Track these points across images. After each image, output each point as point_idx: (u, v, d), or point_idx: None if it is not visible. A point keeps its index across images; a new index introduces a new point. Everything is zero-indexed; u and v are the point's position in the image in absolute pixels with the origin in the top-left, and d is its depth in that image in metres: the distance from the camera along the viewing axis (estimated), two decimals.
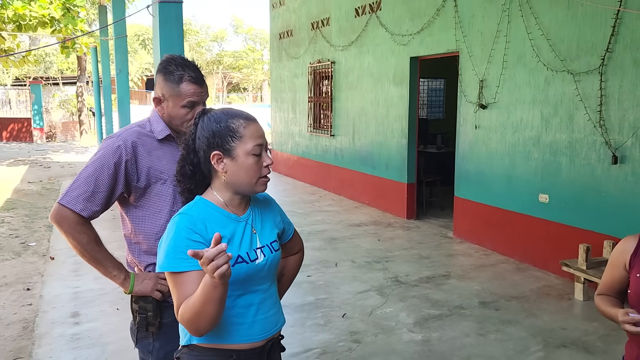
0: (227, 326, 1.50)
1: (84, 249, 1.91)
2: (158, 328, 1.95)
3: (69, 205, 1.88)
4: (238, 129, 1.50)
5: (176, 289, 1.44)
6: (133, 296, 1.97)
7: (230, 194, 1.55)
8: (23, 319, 4.12)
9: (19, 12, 10.33)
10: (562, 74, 4.85)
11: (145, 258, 2.01)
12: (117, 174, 1.93)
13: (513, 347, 3.58)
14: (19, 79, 27.66)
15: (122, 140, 1.96)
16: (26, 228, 7.06)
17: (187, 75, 1.96)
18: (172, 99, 1.98)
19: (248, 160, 1.50)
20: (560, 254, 4.82)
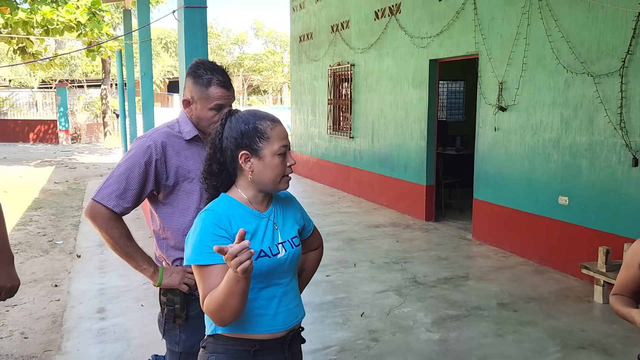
0: (251, 317, 1.58)
1: (115, 243, 2.01)
2: (185, 320, 2.04)
3: (102, 202, 1.98)
4: (265, 131, 1.58)
5: (202, 281, 1.52)
6: (161, 289, 2.07)
7: (255, 191, 1.63)
8: (52, 313, 4.27)
9: (47, 17, 10.63)
10: (582, 76, 4.84)
11: (173, 253, 2.10)
12: (148, 172, 2.02)
13: (531, 348, 3.59)
14: (45, 82, 28.31)
15: (152, 140, 2.05)
16: (53, 227, 7.26)
17: (216, 79, 2.05)
18: (200, 102, 2.07)
19: (274, 160, 1.58)
20: (579, 257, 4.81)
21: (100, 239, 6.66)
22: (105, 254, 5.86)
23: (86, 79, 28.08)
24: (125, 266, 5.45)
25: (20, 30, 11.30)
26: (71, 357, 3.50)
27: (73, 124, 21.96)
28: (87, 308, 4.34)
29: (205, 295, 1.51)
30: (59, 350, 3.60)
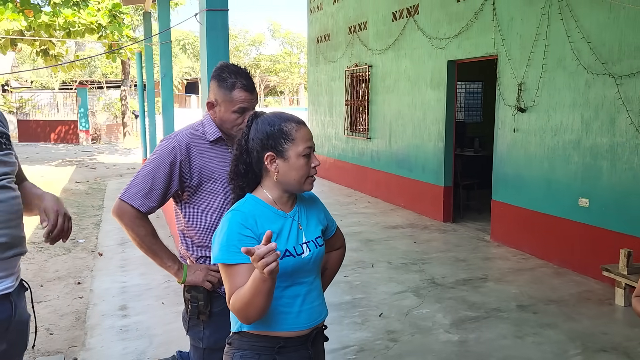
0: (276, 315, 1.61)
1: (142, 241, 2.06)
2: (208, 317, 2.09)
3: (128, 201, 2.04)
4: (290, 132, 1.62)
5: (228, 279, 1.56)
6: (185, 286, 2.12)
7: (280, 192, 1.66)
8: (75, 310, 4.35)
9: (69, 20, 10.83)
10: (603, 77, 4.80)
11: (196, 251, 2.15)
12: (172, 172, 2.07)
13: (551, 350, 3.58)
14: (66, 83, 28.76)
15: (177, 141, 2.10)
16: (75, 226, 7.39)
17: (240, 83, 2.09)
18: (224, 104, 2.11)
19: (299, 161, 1.61)
20: (600, 259, 4.76)
21: (121, 237, 6.78)
22: (127, 253, 5.95)
23: (105, 80, 28.47)
24: (146, 265, 5.55)
25: (43, 33, 11.52)
26: (95, 354, 3.57)
27: (93, 125, 22.28)
28: (109, 306, 4.42)
29: (231, 294, 1.55)
30: (84, 347, 3.67)
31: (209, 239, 2.11)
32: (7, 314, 1.68)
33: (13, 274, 1.72)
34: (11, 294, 1.69)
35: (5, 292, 1.67)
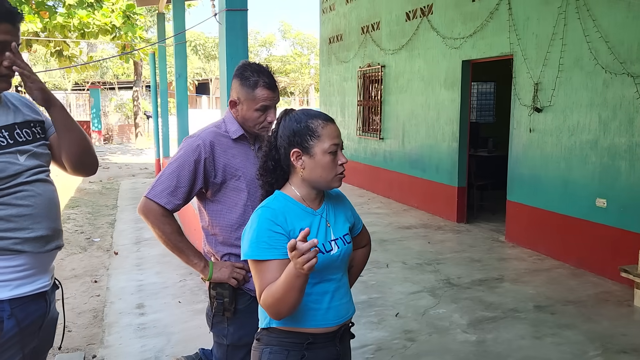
0: (305, 311, 1.62)
1: (167, 239, 2.08)
2: (233, 313, 2.10)
3: (154, 199, 2.05)
4: (317, 129, 1.62)
5: (258, 275, 1.57)
6: (211, 283, 2.13)
7: (307, 189, 1.67)
8: (93, 308, 4.39)
9: (84, 21, 10.92)
10: (622, 77, 4.76)
11: (221, 248, 2.16)
12: (197, 170, 2.08)
13: (570, 351, 3.55)
14: (78, 84, 29.02)
15: (201, 139, 2.12)
16: (90, 225, 7.45)
17: (262, 81, 2.10)
18: (246, 103, 2.12)
19: (325, 158, 1.62)
20: (618, 260, 4.72)
21: (136, 236, 6.82)
22: (142, 252, 5.99)
23: (117, 81, 28.68)
24: (161, 264, 5.58)
25: (57, 34, 11.63)
26: (114, 351, 3.60)
27: (105, 125, 22.46)
28: (126, 304, 4.45)
29: (262, 290, 1.55)
30: (102, 344, 3.70)
31: (233, 236, 2.12)
32: (42, 311, 1.70)
33: (49, 270, 1.74)
34: (47, 292, 1.71)
35: (42, 290, 1.69)
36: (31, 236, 1.63)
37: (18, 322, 1.61)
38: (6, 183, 1.60)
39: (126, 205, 8.77)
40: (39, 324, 1.70)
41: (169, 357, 3.47)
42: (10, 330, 1.59)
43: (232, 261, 2.14)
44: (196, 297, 4.54)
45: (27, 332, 1.65)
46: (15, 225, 1.60)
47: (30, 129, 1.74)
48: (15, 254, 1.61)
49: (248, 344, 2.10)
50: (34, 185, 1.66)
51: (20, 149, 1.66)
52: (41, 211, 1.67)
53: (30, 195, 1.64)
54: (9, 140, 1.64)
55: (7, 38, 1.59)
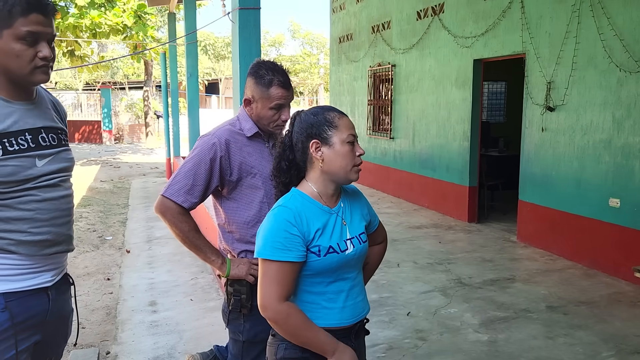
0: (320, 310, 1.62)
1: (185, 237, 2.09)
2: (249, 310, 2.10)
3: (172, 198, 2.07)
4: (334, 120, 1.63)
5: (266, 274, 1.57)
6: (228, 280, 2.13)
7: (325, 183, 1.66)
8: (106, 305, 4.42)
9: (96, 21, 11.01)
10: (637, 75, 4.71)
11: (238, 245, 2.17)
12: (213, 168, 2.09)
13: (583, 352, 3.53)
14: (89, 84, 29.23)
15: (216, 138, 2.13)
16: (102, 223, 7.51)
17: (277, 80, 2.11)
18: (261, 101, 2.13)
19: (344, 148, 1.62)
20: (632, 260, 4.68)
21: (147, 235, 6.84)
22: (153, 250, 6.03)
23: (128, 81, 28.85)
24: (173, 262, 5.61)
25: (69, 34, 11.73)
26: (127, 347, 3.62)
27: (116, 125, 22.60)
28: (138, 301, 4.48)
29: (264, 288, 1.56)
30: (115, 341, 3.73)
31: (250, 233, 2.12)
32: (42, 307, 1.69)
33: (54, 269, 1.72)
34: (49, 288, 1.70)
35: (41, 285, 1.68)
36: (27, 239, 1.61)
37: (12, 316, 1.59)
38: (14, 187, 1.58)
39: (137, 204, 8.83)
40: (40, 319, 1.68)
41: (181, 354, 3.49)
42: (3, 324, 1.58)
43: (249, 258, 2.15)
44: (208, 295, 4.56)
45: (24, 327, 1.63)
46: (11, 227, 1.59)
47: (57, 135, 1.73)
48: (9, 253, 1.60)
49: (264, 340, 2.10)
50: (43, 190, 1.64)
51: (40, 154, 1.65)
52: (43, 216, 1.64)
53: (35, 200, 1.63)
54: (30, 144, 1.63)
55: (38, 29, 1.57)
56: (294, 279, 1.58)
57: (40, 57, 1.60)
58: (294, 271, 1.56)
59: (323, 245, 1.60)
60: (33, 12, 1.56)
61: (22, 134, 1.61)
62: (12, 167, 1.57)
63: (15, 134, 1.59)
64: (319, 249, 1.59)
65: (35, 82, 1.64)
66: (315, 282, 1.62)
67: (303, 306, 1.62)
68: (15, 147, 1.58)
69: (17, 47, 1.56)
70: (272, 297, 1.55)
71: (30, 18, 1.56)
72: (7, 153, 1.56)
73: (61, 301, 1.78)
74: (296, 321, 1.55)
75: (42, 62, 1.61)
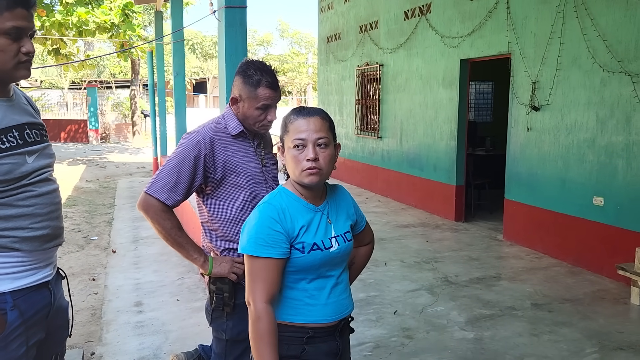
0: (302, 306, 1.64)
1: (168, 234, 2.08)
2: (232, 308, 2.10)
3: (155, 195, 2.06)
4: (287, 124, 1.65)
5: (250, 271, 1.58)
6: (210, 278, 2.13)
7: (298, 185, 1.68)
8: (91, 306, 4.38)
9: (83, 19, 10.89)
10: (619, 76, 4.77)
11: (221, 244, 2.16)
12: (197, 166, 2.09)
13: (567, 348, 3.56)
14: (75, 83, 28.94)
15: (201, 135, 2.12)
16: (87, 223, 7.44)
17: (265, 80, 2.11)
18: (248, 101, 2.13)
19: (289, 153, 1.63)
20: (615, 258, 4.74)
21: (133, 235, 6.79)
22: (139, 250, 5.99)
23: (114, 80, 28.61)
24: (159, 262, 5.57)
25: (55, 32, 11.59)
26: (112, 348, 3.59)
27: (102, 124, 22.41)
28: (124, 302, 4.45)
29: (250, 284, 1.58)
30: (100, 342, 3.70)
31: (233, 231, 2.12)
32: (47, 301, 1.71)
33: (51, 263, 1.74)
34: (49, 282, 1.72)
35: (44, 280, 1.70)
36: (29, 235, 1.63)
37: (21, 313, 1.61)
38: (11, 185, 1.58)
39: (123, 204, 8.76)
40: (45, 313, 1.70)
41: (167, 355, 3.47)
42: (14, 322, 1.60)
43: (231, 256, 2.14)
44: (194, 295, 4.54)
45: (32, 323, 1.65)
46: (13, 225, 1.60)
47: (40, 131, 1.74)
48: (13, 251, 1.61)
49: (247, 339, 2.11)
50: (37, 185, 1.66)
51: (29, 150, 1.65)
52: (42, 211, 1.66)
53: (32, 195, 1.64)
54: (19, 140, 1.62)
55: (23, 24, 1.56)
56: (278, 275, 1.58)
57: (23, 52, 1.59)
58: (277, 268, 1.57)
59: (307, 242, 1.60)
60: (18, 7, 1.55)
61: (9, 131, 1.61)
62: (8, 165, 1.57)
63: (4, 131, 1.59)
64: (303, 245, 1.60)
65: (18, 78, 1.64)
66: (297, 279, 1.63)
67: (287, 302, 1.63)
68: (6, 144, 1.58)
69: (2, 41, 1.55)
70: (256, 293, 1.56)
71: (16, 12, 1.55)
72: (1, 151, 1.56)
73: (59, 295, 1.80)
74: (262, 329, 1.55)
75: (26, 58, 1.60)
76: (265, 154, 2.28)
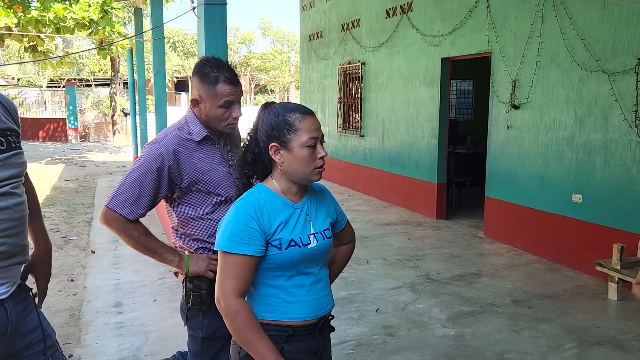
0: (280, 304, 1.62)
1: (137, 243, 2.03)
2: (209, 306, 2.07)
3: (116, 209, 1.99)
4: (294, 123, 1.60)
5: (223, 267, 1.57)
6: (187, 276, 2.10)
7: (287, 183, 1.66)
8: (69, 307, 4.31)
9: (60, 15, 10.68)
10: (597, 74, 4.84)
11: (193, 243, 2.14)
12: (160, 178, 2.02)
13: (547, 344, 3.60)
14: (53, 81, 28.46)
15: (164, 147, 2.04)
16: (66, 223, 7.32)
17: (222, 76, 2.03)
18: (209, 100, 2.05)
19: (302, 152, 1.60)
20: (593, 254, 4.81)
21: (113, 235, 6.69)
22: (119, 250, 5.90)
23: (94, 78, 28.21)
24: (139, 262, 5.51)
25: (32, 29, 11.37)
26: (91, 350, 3.53)
27: (81, 123, 22.08)
28: (103, 302, 4.38)
29: (220, 281, 1.56)
30: (79, 343, 3.63)
31: (205, 234, 2.10)
32: (2, 320, 1.61)
33: (8, 281, 1.64)
34: (5, 301, 1.62)
35: None
36: None
37: None
38: None
39: (103, 204, 8.63)
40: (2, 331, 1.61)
41: (147, 356, 3.43)
42: None
43: (207, 253, 2.11)
44: (175, 295, 4.49)
45: None
46: None
47: (6, 137, 1.60)
48: None
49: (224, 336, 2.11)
50: None
51: None
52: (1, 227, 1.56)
53: None
54: None
55: None
56: (251, 273, 1.57)
57: None
58: (251, 265, 1.56)
59: (285, 238, 1.59)
60: None
61: None
62: None
63: None
64: (280, 242, 1.59)
65: None
66: (276, 276, 1.62)
67: (265, 300, 1.62)
68: None
69: None
70: (226, 290, 1.55)
71: None
72: None
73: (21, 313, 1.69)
74: (244, 320, 1.53)
75: None
76: (232, 154, 2.21)
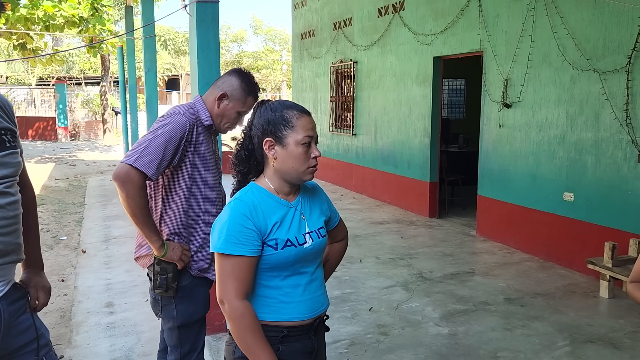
0: (276, 304, 1.61)
1: (139, 212, 2.06)
2: (175, 291, 2.16)
3: (142, 169, 2.02)
4: (291, 119, 1.59)
5: (221, 269, 1.55)
6: (155, 259, 2.17)
7: (280, 181, 1.64)
8: (60, 308, 4.27)
9: (49, 13, 10.57)
10: (588, 73, 4.86)
11: (166, 230, 2.24)
12: (179, 147, 2.12)
13: (539, 342, 3.62)
14: (43, 79, 28.21)
15: (187, 117, 2.16)
16: (56, 223, 7.25)
17: (255, 92, 2.27)
18: (235, 102, 2.24)
19: (297, 150, 1.59)
20: (585, 252, 4.84)
21: (104, 234, 6.64)
22: (110, 250, 5.86)
23: (84, 76, 27.99)
24: (130, 261, 5.46)
25: (21, 27, 11.24)
26: (82, 351, 3.50)
27: (71, 121, 21.90)
28: (94, 303, 4.34)
29: (221, 284, 1.54)
30: (69, 344, 3.60)
31: (177, 221, 2.21)
32: None
33: (2, 281, 1.62)
34: None
35: None
36: None
37: None
38: None
39: (94, 203, 8.58)
40: None
41: (139, 357, 3.40)
42: None
43: (178, 241, 2.20)
44: None
45: None
46: None
47: (0, 136, 1.58)
48: None
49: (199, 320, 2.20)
50: None
51: None
52: None
53: None
54: None
55: None
56: (251, 273, 1.55)
57: None
58: (250, 266, 1.54)
59: (280, 238, 1.58)
60: None
61: None
62: None
63: None
64: (276, 242, 1.57)
65: None
66: (271, 276, 1.60)
67: (261, 300, 1.60)
68: None
69: None
70: (229, 292, 1.53)
71: None
72: None
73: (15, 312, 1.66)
74: (248, 324, 1.52)
75: None
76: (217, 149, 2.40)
